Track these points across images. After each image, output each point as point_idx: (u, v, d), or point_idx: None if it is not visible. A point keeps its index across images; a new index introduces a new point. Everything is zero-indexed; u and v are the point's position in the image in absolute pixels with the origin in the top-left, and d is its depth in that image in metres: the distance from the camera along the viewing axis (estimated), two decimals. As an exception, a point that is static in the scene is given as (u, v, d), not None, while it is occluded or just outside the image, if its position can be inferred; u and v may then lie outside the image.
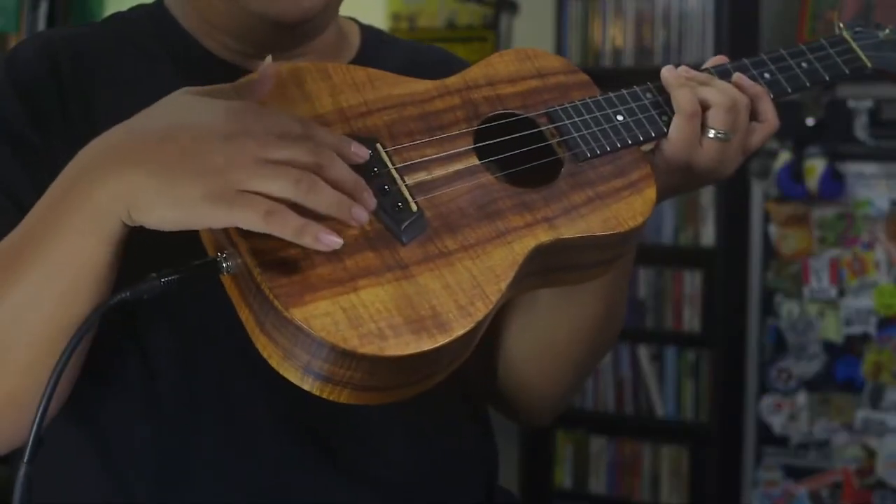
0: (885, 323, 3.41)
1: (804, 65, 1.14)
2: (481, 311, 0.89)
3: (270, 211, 0.81)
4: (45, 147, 1.00)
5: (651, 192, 1.03)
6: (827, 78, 1.15)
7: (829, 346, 3.47)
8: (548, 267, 0.98)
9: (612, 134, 1.04)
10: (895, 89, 3.39)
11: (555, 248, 0.96)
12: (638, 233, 1.01)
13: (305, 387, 0.87)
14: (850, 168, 3.42)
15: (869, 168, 3.42)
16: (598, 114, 1.05)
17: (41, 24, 3.22)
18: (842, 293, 3.44)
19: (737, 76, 1.09)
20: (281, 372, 0.87)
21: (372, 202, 0.87)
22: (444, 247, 0.92)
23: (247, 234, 0.85)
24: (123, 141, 0.86)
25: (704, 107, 1.05)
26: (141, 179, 0.83)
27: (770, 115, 1.09)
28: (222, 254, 0.87)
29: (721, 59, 1.12)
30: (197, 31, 1.09)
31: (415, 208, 0.92)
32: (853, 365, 3.44)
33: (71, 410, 1.01)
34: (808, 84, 1.14)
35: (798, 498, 3.50)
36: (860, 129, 3.41)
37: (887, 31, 1.22)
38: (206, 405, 1.02)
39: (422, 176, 0.95)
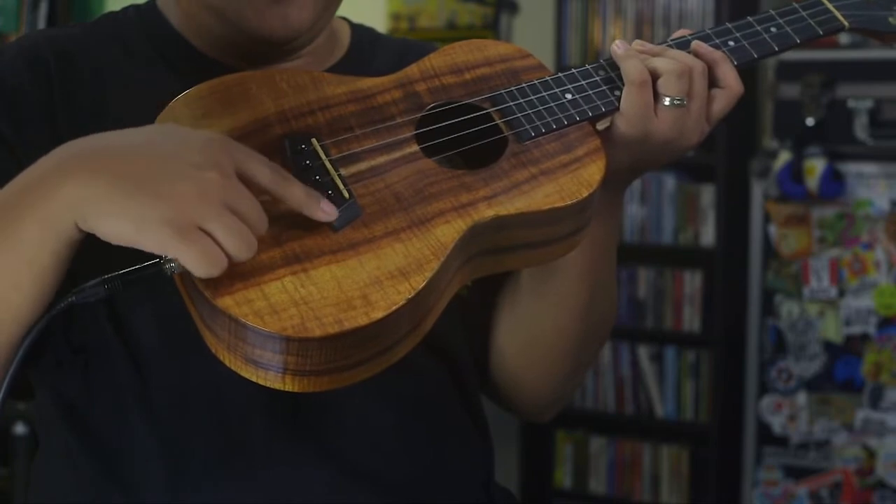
0: (885, 323, 3.41)
1: (773, 29, 1.12)
2: (413, 287, 0.89)
3: (215, 262, 0.82)
4: (26, 148, 1.00)
5: (599, 164, 1.01)
6: (798, 41, 1.12)
7: (829, 346, 3.47)
8: (497, 246, 0.98)
9: (558, 111, 1.03)
10: (895, 89, 3.39)
11: (496, 226, 0.96)
12: (588, 205, 0.99)
13: (261, 381, 0.87)
14: (850, 168, 3.42)
15: (869, 168, 3.42)
16: (545, 94, 1.03)
17: (41, 24, 3.23)
18: (842, 293, 3.44)
19: (695, 44, 1.07)
20: (234, 369, 0.88)
21: None
22: (377, 230, 0.92)
23: None
24: (97, 149, 0.87)
25: (655, 76, 1.03)
26: (102, 189, 0.83)
27: (731, 81, 1.06)
28: (166, 255, 0.86)
29: (683, 32, 1.10)
30: (187, 32, 1.09)
31: (347, 195, 0.93)
32: (853, 365, 3.44)
33: (62, 412, 1.01)
34: (776, 48, 1.11)
35: (798, 498, 3.50)
36: (860, 129, 3.41)
37: None
38: (199, 405, 1.02)
39: (360, 166, 0.96)
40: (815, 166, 3.38)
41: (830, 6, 1.14)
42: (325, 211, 0.89)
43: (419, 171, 0.97)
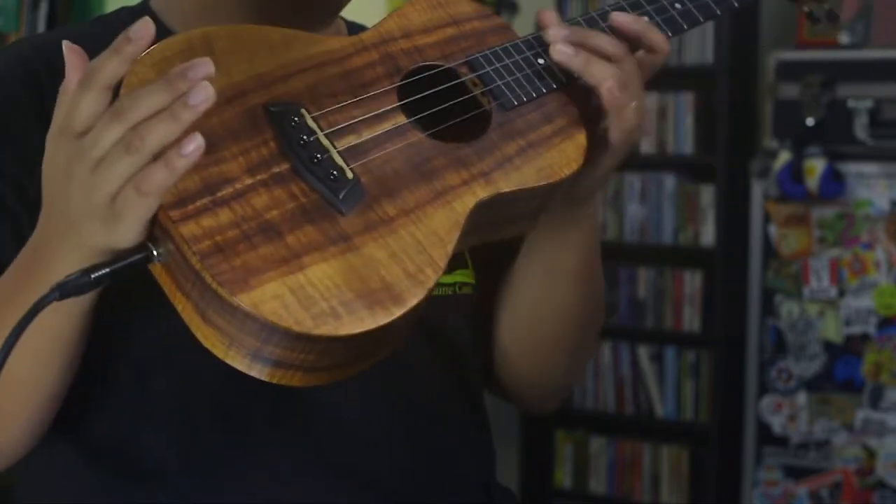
0: (885, 323, 3.41)
1: (678, 6, 1.09)
2: (431, 277, 0.87)
3: (140, 187, 0.81)
4: (21, 164, 1.00)
5: (581, 138, 1.00)
6: (718, 12, 1.10)
7: (829, 346, 3.47)
8: (485, 222, 0.96)
9: (535, 79, 1.01)
10: (895, 89, 3.39)
11: (493, 203, 0.94)
12: (571, 181, 0.98)
13: (253, 374, 0.85)
14: (850, 168, 3.42)
15: (869, 168, 3.41)
16: (518, 58, 1.01)
17: (41, 24, 3.23)
18: (842, 293, 3.44)
19: (615, 16, 1.03)
20: (227, 361, 0.85)
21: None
22: (385, 213, 0.89)
23: (179, 220, 0.83)
24: (42, 224, 0.89)
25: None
26: (66, 252, 0.85)
27: (660, 44, 1.03)
28: (152, 242, 0.84)
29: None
30: (181, 30, 1.08)
31: (350, 175, 0.89)
32: (853, 365, 3.44)
33: (62, 417, 1.00)
34: (684, 27, 1.08)
35: (798, 498, 3.50)
36: (860, 129, 3.41)
37: None
38: (200, 407, 1.02)
39: (352, 140, 0.92)
40: (815, 166, 3.38)
41: None
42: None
43: (411, 145, 0.94)
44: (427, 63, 1.00)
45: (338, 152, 0.90)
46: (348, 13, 1.19)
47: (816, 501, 3.48)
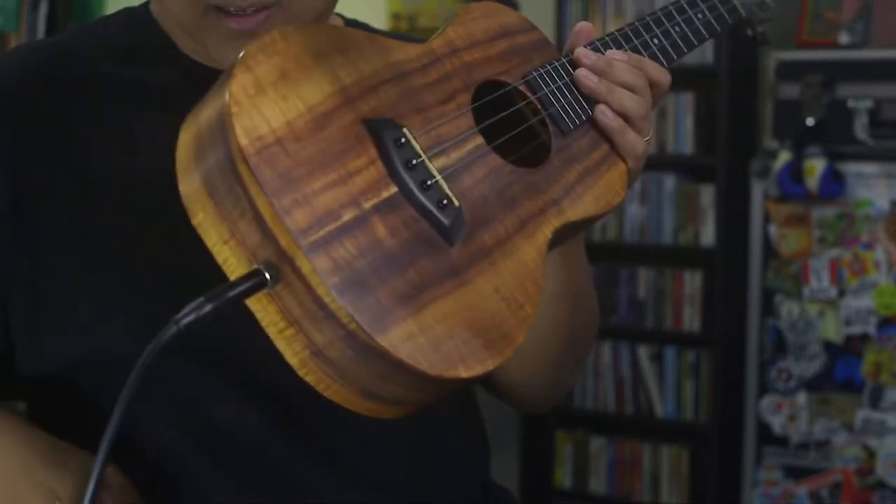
0: (885, 323, 3.41)
1: (700, 16, 1.13)
2: (530, 315, 0.85)
3: None
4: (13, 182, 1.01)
5: (623, 166, 1.00)
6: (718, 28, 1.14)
7: (829, 346, 3.47)
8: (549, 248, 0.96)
9: (584, 102, 1.01)
10: (895, 89, 3.39)
11: (559, 231, 0.94)
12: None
13: (360, 410, 0.82)
14: (850, 168, 3.42)
15: (869, 168, 3.42)
16: (567, 79, 1.01)
17: (41, 24, 3.22)
18: (842, 293, 3.44)
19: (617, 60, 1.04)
20: (326, 394, 0.81)
21: None
22: (484, 244, 0.86)
23: (307, 248, 0.77)
24: None
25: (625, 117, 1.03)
26: None
27: (661, 79, 1.06)
28: (266, 267, 0.78)
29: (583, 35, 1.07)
30: (177, 35, 1.08)
31: (457, 203, 0.85)
32: (853, 365, 3.44)
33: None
34: (685, 50, 1.11)
35: (798, 498, 3.50)
36: (860, 129, 3.41)
37: None
38: (210, 411, 1.02)
39: (443, 162, 0.88)
40: (815, 166, 3.38)
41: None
42: None
43: (492, 169, 0.91)
44: (492, 79, 0.98)
45: (443, 177, 0.86)
46: (348, 13, 1.19)
47: (816, 501, 3.48)
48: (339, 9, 1.13)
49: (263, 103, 0.81)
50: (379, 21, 4.35)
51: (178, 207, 1.01)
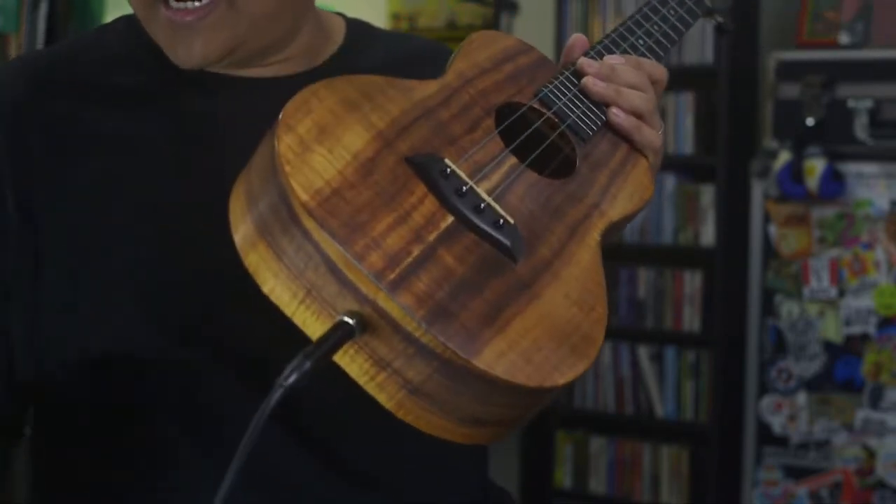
0: (885, 323, 3.41)
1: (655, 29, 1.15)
2: (603, 314, 0.87)
3: None
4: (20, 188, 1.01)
5: (644, 162, 1.05)
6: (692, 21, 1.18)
7: (828, 346, 3.47)
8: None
9: (596, 108, 1.05)
10: (895, 89, 3.39)
11: (605, 232, 0.97)
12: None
13: (458, 439, 0.83)
14: (850, 168, 3.42)
15: (869, 168, 3.42)
16: (575, 90, 1.05)
17: (41, 24, 3.22)
18: (842, 293, 3.44)
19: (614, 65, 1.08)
20: (431, 433, 0.83)
21: None
22: (543, 256, 0.89)
23: (389, 289, 0.79)
24: None
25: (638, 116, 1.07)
26: None
27: (660, 76, 1.11)
28: (351, 317, 0.80)
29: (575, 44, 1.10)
30: (167, 47, 1.08)
31: (512, 221, 0.88)
32: (853, 365, 3.44)
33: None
34: (669, 46, 1.16)
35: (798, 498, 3.50)
36: (860, 129, 3.41)
37: None
38: (212, 410, 1.02)
39: (486, 184, 0.91)
40: (815, 166, 3.38)
41: None
42: None
43: (531, 184, 0.95)
44: (507, 102, 1.01)
45: (493, 199, 0.89)
46: (348, 13, 1.19)
47: (816, 501, 3.48)
48: (339, 9, 1.13)
49: (313, 158, 0.83)
50: (379, 21, 4.35)
51: (176, 208, 1.02)
